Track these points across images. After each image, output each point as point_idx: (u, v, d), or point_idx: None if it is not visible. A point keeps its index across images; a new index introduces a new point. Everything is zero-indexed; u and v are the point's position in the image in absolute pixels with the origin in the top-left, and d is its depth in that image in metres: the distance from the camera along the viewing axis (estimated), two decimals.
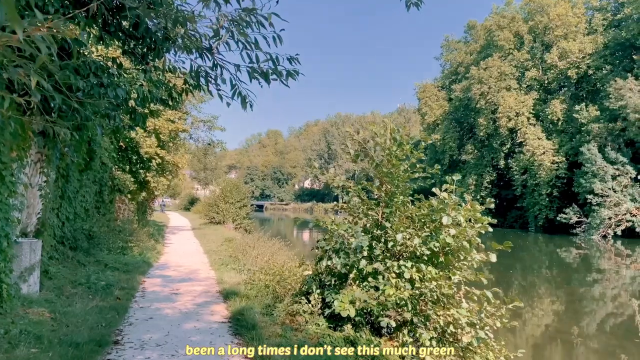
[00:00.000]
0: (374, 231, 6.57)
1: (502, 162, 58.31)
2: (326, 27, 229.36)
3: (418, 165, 6.67)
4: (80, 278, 8.52)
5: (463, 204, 6.22)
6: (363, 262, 6.20)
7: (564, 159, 50.97)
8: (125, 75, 6.79)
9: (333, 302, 6.11)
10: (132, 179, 15.95)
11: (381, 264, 6.20)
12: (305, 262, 8.08)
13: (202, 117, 21.04)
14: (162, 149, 16.52)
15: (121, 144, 15.33)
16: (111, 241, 12.74)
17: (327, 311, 6.33)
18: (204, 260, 13.80)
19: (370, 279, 6.27)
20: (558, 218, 47.02)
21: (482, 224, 5.93)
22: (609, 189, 43.16)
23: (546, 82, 57.12)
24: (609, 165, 43.99)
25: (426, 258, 6.19)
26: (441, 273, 5.99)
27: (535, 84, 56.57)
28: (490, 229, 6.10)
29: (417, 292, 5.89)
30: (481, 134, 58.34)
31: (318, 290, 6.64)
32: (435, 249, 6.08)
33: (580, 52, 51.92)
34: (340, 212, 7.59)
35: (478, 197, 59.48)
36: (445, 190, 6.25)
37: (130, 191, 16.06)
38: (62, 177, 9.27)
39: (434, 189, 6.37)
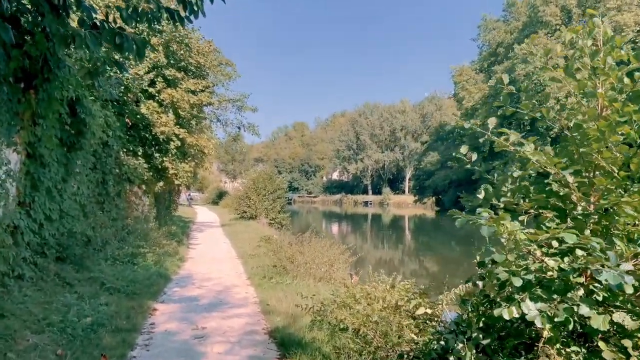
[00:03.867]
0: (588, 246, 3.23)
1: (548, 148, 53.92)
2: (347, 15, 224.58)
3: None
4: (52, 313, 5.46)
5: None
6: (585, 309, 2.91)
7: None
8: None
9: None
10: (146, 166, 12.79)
11: (629, 315, 2.90)
12: (411, 288, 4.83)
13: (229, 96, 17.87)
14: (182, 128, 13.37)
15: (127, 120, 12.22)
16: (116, 247, 9.74)
17: None
18: (239, 269, 10.68)
19: (601, 343, 2.97)
20: None
21: None
22: None
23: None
24: None
25: None
26: None
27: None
28: None
29: None
30: (526, 117, 53.82)
31: (473, 357, 3.36)
32: None
33: (636, 25, 46.88)
34: (387, 204, 4.23)
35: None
36: None
37: (144, 181, 12.98)
38: (31, 158, 6.22)
39: None
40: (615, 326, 3.05)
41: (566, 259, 3.24)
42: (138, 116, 12.32)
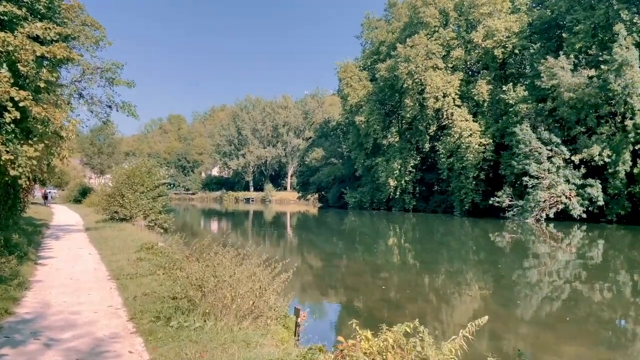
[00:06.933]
0: None
1: (427, 145, 56.13)
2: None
3: None
4: None
5: None
6: None
7: (490, 141, 49.32)
8: None
9: None
10: None
11: None
12: None
13: (97, 64, 13.61)
14: (23, 90, 9.04)
15: None
16: None
17: None
18: (114, 299, 7.30)
19: None
20: (490, 201, 45.27)
21: None
22: (544, 170, 41.77)
23: (471, 62, 55.43)
24: (543, 146, 42.63)
25: None
26: None
27: (460, 63, 54.49)
28: None
29: None
30: (407, 115, 55.56)
31: None
32: None
33: (506, 31, 50.17)
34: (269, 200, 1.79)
35: (402, 181, 57.00)
36: None
37: None
38: None
39: None
40: None
41: None
42: None
